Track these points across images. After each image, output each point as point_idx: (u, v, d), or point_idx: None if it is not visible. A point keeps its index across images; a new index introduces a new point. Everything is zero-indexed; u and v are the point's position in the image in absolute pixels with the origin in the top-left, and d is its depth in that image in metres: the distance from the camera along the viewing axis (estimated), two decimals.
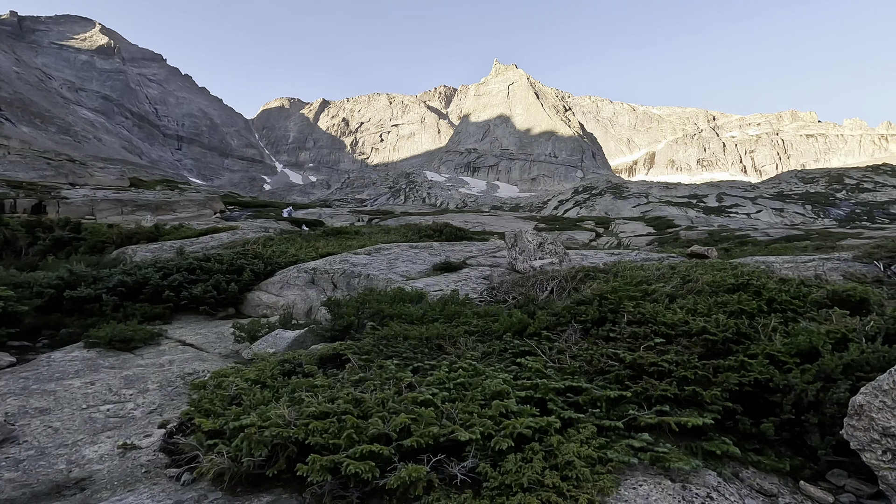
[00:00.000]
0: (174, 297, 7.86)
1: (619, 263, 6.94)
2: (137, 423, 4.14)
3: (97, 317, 7.22)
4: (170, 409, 4.40)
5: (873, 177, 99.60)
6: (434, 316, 5.44)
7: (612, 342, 4.22)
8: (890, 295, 5.38)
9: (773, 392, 3.20)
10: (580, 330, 4.62)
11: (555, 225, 52.27)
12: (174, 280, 8.07)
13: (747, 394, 3.31)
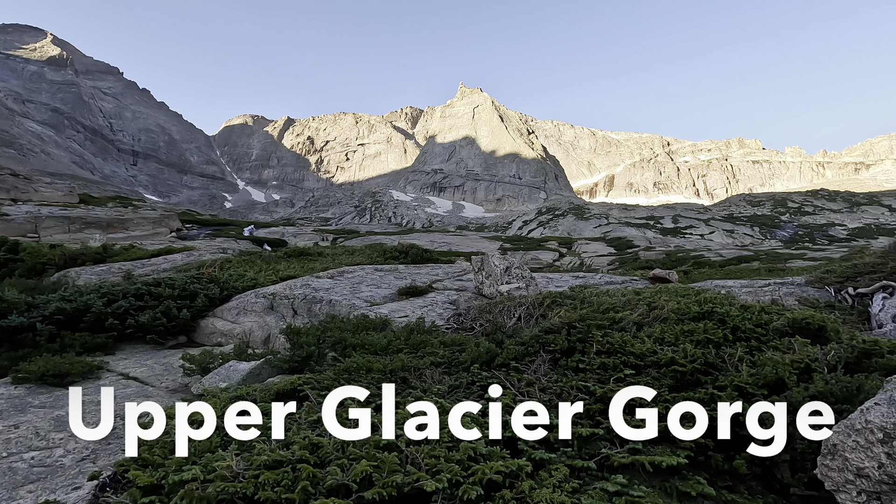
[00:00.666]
0: (118, 326, 7.32)
1: (584, 289, 6.94)
2: (66, 472, 3.72)
3: (30, 348, 6.62)
4: (105, 456, 3.99)
5: (812, 201, 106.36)
6: (399, 346, 5.23)
7: (582, 373, 4.13)
8: (842, 320, 5.56)
9: (744, 426, 3.17)
10: (549, 360, 4.52)
11: (519, 245, 52.94)
12: (119, 307, 7.52)
13: (718, 428, 3.26)
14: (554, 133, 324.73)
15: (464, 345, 5.07)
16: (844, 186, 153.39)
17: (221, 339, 7.67)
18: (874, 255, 7.04)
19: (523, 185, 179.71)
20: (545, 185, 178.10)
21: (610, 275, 10.76)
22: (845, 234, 79.14)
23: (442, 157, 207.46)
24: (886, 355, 3.68)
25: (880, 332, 5.32)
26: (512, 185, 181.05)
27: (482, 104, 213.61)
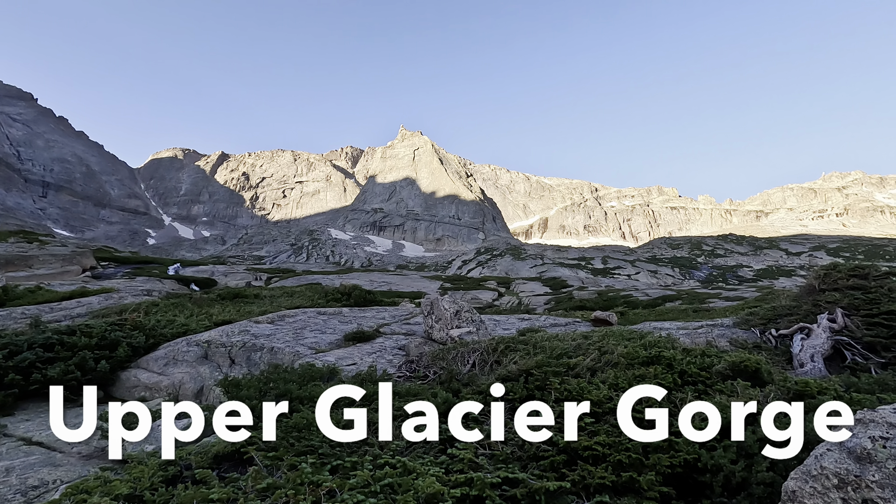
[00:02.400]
0: (21, 382, 6.43)
1: (534, 332, 7.02)
2: None
3: None
4: None
5: (723, 244, 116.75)
6: (350, 398, 4.96)
7: None
8: (771, 360, 5.99)
9: (703, 472, 3.25)
10: (508, 409, 4.46)
11: (460, 284, 53.37)
12: (23, 359, 6.64)
13: (678, 475, 3.32)
14: (491, 176, 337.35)
15: (419, 395, 4.91)
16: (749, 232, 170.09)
17: (146, 392, 6.95)
18: (789, 299, 7.75)
19: (462, 225, 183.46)
20: (483, 226, 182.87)
21: (553, 316, 11.02)
22: (752, 274, 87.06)
23: (382, 197, 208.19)
24: (817, 396, 3.97)
25: (803, 371, 5.77)
26: (451, 225, 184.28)
27: (422, 147, 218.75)
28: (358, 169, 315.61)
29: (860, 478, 2.19)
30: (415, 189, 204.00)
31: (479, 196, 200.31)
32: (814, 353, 5.91)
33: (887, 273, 7.01)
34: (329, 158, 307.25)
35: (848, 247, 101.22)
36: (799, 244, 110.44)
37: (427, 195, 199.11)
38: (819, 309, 6.92)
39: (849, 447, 2.30)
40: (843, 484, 2.24)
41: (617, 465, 3.33)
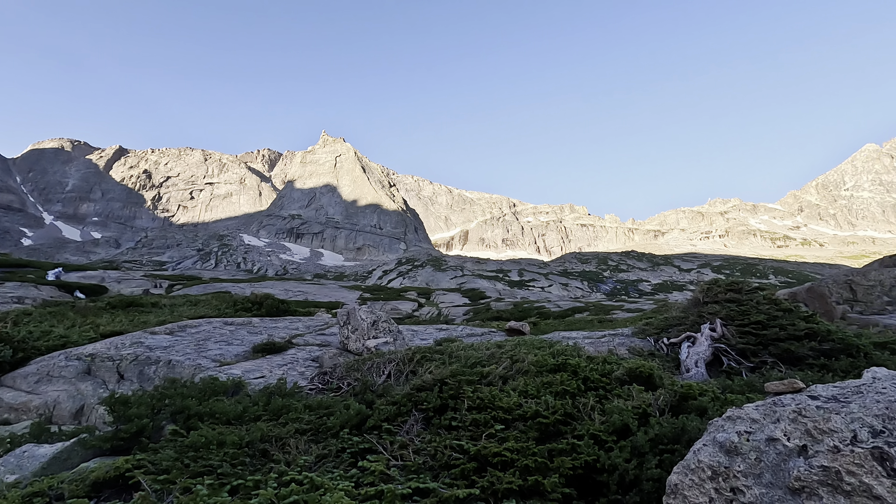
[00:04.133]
0: None
1: (450, 343, 7.11)
2: None
3: None
4: None
5: (626, 260, 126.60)
6: (257, 412, 4.69)
7: (455, 431, 4.15)
8: (663, 366, 6.55)
9: (601, 472, 3.46)
10: (422, 419, 4.46)
11: (380, 295, 52.76)
12: None
13: (579, 476, 3.51)
14: (414, 187, 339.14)
15: (332, 408, 4.76)
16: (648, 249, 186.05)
17: (10, 415, 6.06)
18: (678, 310, 8.57)
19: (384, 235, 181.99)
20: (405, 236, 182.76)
21: (470, 327, 11.24)
22: (650, 288, 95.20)
23: (301, 203, 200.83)
24: (698, 398, 4.40)
25: (688, 376, 6.38)
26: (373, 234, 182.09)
27: (345, 153, 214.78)
28: (275, 173, 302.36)
29: (729, 468, 2.46)
30: (336, 196, 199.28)
31: (401, 206, 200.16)
32: (697, 360, 6.56)
33: (756, 288, 8.01)
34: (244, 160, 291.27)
35: (728, 265, 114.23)
36: (689, 262, 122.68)
37: (348, 203, 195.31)
38: (703, 319, 7.72)
39: (720, 441, 2.58)
40: (716, 475, 2.50)
41: (524, 470, 3.45)
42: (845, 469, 2.10)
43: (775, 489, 2.31)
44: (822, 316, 12.09)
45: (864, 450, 2.10)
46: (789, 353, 6.63)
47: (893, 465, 2.02)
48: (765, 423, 2.52)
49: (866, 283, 14.04)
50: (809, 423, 2.33)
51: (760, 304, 7.43)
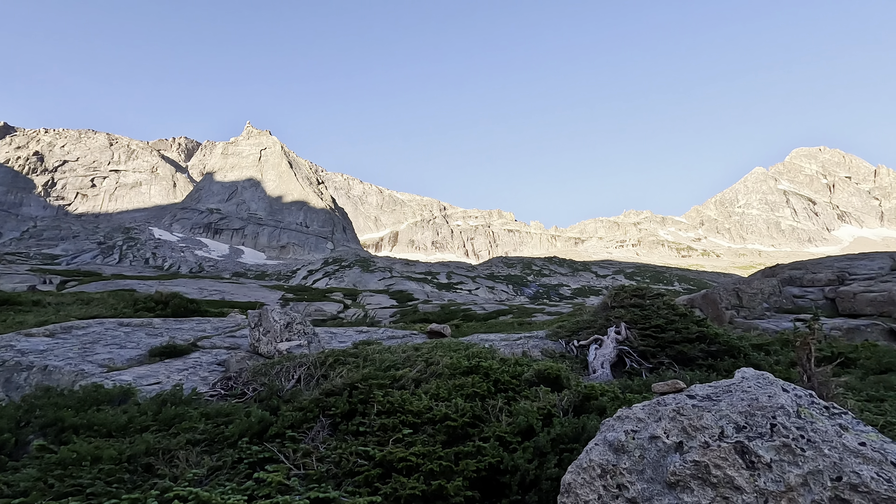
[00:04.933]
0: None
1: (368, 345, 6.97)
2: None
3: None
4: None
5: (549, 266, 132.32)
6: (145, 423, 4.28)
7: (363, 437, 4.04)
8: (572, 368, 6.85)
9: (504, 473, 3.52)
10: (329, 425, 4.30)
11: (304, 295, 50.94)
12: None
13: (484, 478, 3.54)
14: (343, 186, 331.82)
15: (232, 415, 4.46)
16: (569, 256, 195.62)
17: None
18: (589, 314, 9.04)
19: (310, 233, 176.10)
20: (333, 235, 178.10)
21: (392, 329, 11.12)
22: (570, 292, 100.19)
23: (221, 197, 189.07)
24: (599, 398, 4.63)
25: (595, 377, 6.72)
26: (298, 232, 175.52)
27: (271, 147, 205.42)
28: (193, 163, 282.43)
29: (616, 466, 2.58)
30: (259, 191, 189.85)
31: (329, 205, 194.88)
32: (603, 361, 6.94)
33: (658, 294, 8.64)
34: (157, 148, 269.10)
35: (639, 272, 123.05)
36: (605, 268, 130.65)
37: (273, 199, 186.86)
38: (610, 323, 8.19)
39: (610, 440, 2.70)
40: (605, 473, 2.61)
41: (429, 475, 3.42)
42: (713, 463, 2.27)
43: (655, 484, 2.45)
44: (713, 320, 13.33)
45: (729, 444, 2.28)
46: (683, 355, 7.21)
47: (752, 457, 2.21)
48: (649, 421, 2.67)
49: (750, 291, 15.68)
50: (685, 421, 2.50)
51: (660, 309, 8.01)
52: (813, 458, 2.10)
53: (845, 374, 6.54)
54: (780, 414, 2.32)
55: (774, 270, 19.81)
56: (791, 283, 18.03)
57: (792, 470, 2.12)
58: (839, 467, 2.04)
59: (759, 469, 2.18)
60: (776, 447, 2.20)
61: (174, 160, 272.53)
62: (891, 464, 2.01)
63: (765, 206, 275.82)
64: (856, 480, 1.97)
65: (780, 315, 15.20)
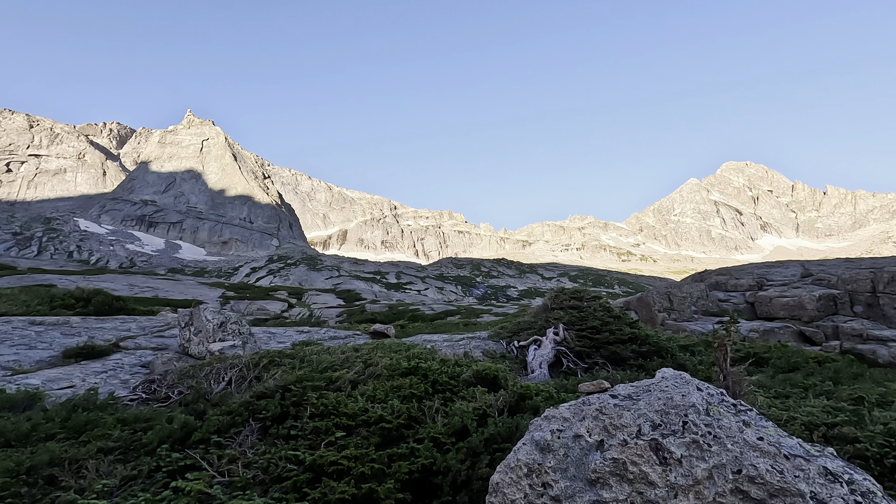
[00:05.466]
0: None
1: (307, 345, 6.79)
2: None
3: None
4: None
5: (497, 267, 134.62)
6: (51, 430, 3.94)
7: (294, 441, 3.91)
8: (511, 368, 6.97)
9: (437, 475, 3.51)
10: (259, 429, 4.14)
11: (245, 294, 48.99)
12: None
13: (417, 480, 3.53)
14: (291, 181, 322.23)
15: (152, 420, 4.19)
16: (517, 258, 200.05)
17: None
18: (530, 315, 9.26)
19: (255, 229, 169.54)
20: (279, 232, 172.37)
21: (335, 329, 10.90)
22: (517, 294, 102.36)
23: (157, 188, 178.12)
24: (534, 397, 4.74)
25: (533, 377, 6.88)
26: (242, 228, 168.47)
27: (213, 138, 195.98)
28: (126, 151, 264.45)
29: (542, 465, 2.64)
30: (200, 184, 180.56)
31: (276, 200, 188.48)
32: (542, 361, 7.12)
33: (595, 296, 8.98)
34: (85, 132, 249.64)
35: (583, 275, 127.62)
36: (551, 271, 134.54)
37: (215, 192, 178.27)
38: (549, 324, 8.42)
39: (537, 440, 2.76)
40: (531, 472, 2.66)
41: (360, 478, 3.36)
42: (630, 460, 2.37)
43: (577, 481, 2.52)
44: (647, 322, 14.02)
45: (645, 442, 2.39)
46: (616, 355, 7.52)
47: (665, 453, 2.33)
48: (574, 421, 2.75)
49: (680, 295, 16.64)
50: (607, 420, 2.59)
51: (597, 311, 8.33)
52: (718, 453, 2.24)
53: (758, 373, 7.08)
54: (692, 412, 2.46)
55: (703, 276, 21.14)
56: (717, 287, 19.30)
57: (699, 464, 2.25)
58: (740, 461, 2.19)
59: (671, 464, 2.30)
60: (686, 443, 2.32)
61: (104, 147, 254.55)
62: (784, 456, 2.18)
63: (698, 216, 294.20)
64: (753, 473, 2.12)
65: (707, 317, 16.23)
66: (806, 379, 7.02)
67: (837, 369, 8.07)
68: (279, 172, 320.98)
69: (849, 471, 2.20)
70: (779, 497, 2.07)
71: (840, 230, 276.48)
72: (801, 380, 6.95)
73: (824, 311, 15.33)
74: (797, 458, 2.19)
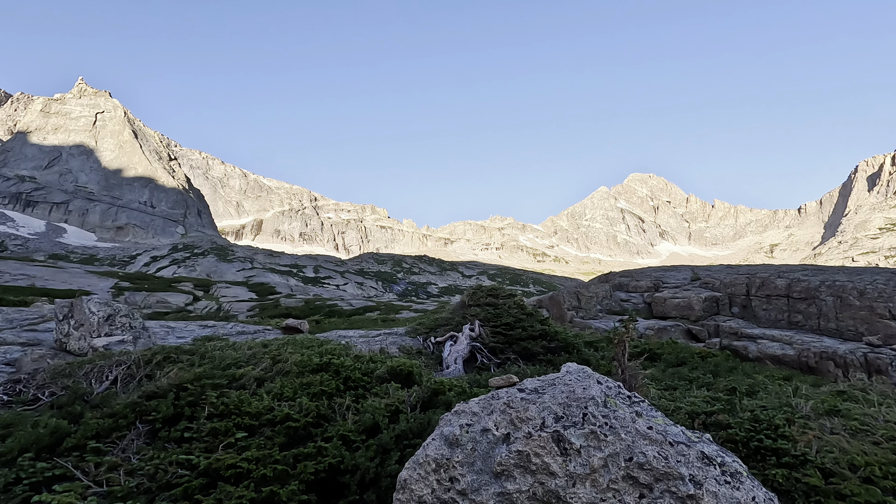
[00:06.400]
0: None
1: (209, 341, 6.32)
2: None
3: None
4: None
5: (419, 264, 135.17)
6: None
7: (188, 444, 3.60)
8: (427, 364, 6.99)
9: (345, 473, 3.41)
10: (147, 433, 3.76)
11: (144, 284, 44.86)
12: None
13: (324, 479, 3.40)
14: (202, 165, 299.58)
15: (15, 426, 3.65)
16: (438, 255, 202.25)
17: None
18: (447, 312, 9.36)
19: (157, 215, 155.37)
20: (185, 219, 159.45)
21: (243, 324, 10.29)
22: (437, 291, 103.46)
23: (37, 163, 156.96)
24: (447, 392, 4.77)
25: (447, 372, 6.96)
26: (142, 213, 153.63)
27: (111, 111, 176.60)
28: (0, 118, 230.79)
29: (450, 460, 2.64)
30: (92, 161, 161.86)
31: (183, 184, 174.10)
32: (457, 357, 7.21)
33: (510, 294, 9.28)
34: None
35: (501, 274, 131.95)
36: (471, 269, 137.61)
37: (110, 172, 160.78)
38: (466, 320, 8.56)
39: (446, 435, 2.77)
40: (439, 467, 2.66)
41: (261, 481, 3.18)
42: (533, 451, 2.45)
43: (484, 474, 2.56)
44: (557, 319, 14.77)
45: (548, 434, 2.48)
46: (527, 351, 7.83)
47: (566, 444, 2.43)
48: (482, 415, 2.79)
49: (588, 295, 17.74)
50: (514, 414, 2.66)
51: (511, 308, 8.61)
52: (612, 443, 2.38)
53: (652, 367, 7.72)
54: (591, 404, 2.59)
55: (608, 277, 22.71)
56: (620, 288, 20.84)
57: (596, 454, 2.37)
58: (631, 449, 2.34)
59: (571, 455, 2.41)
60: (585, 434, 2.44)
61: None
62: (669, 443, 2.36)
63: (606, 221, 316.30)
64: (642, 460, 2.28)
65: (611, 316, 17.47)
66: (691, 372, 7.78)
67: (717, 364, 9.04)
68: (188, 155, 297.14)
69: (721, 454, 2.43)
70: (663, 480, 2.24)
71: (724, 240, 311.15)
72: (687, 373, 7.69)
73: (708, 311, 17.12)
74: (680, 444, 2.39)
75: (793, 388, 6.22)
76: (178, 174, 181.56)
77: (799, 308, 15.32)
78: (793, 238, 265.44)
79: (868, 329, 13.27)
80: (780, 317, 15.72)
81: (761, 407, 4.66)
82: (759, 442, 3.80)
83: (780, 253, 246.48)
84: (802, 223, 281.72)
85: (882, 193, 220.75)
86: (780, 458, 3.64)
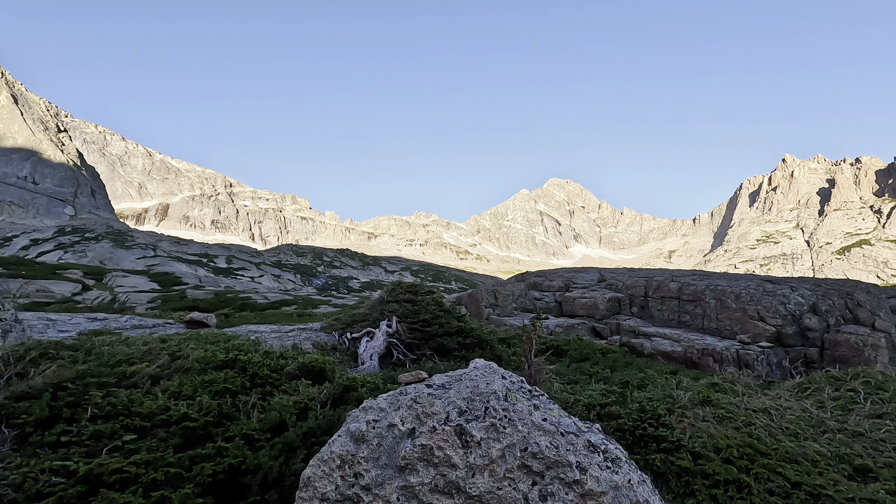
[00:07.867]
0: None
1: (98, 335, 5.78)
2: None
3: None
4: None
5: (340, 258, 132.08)
6: None
7: (66, 449, 3.27)
8: (341, 360, 6.90)
9: (246, 474, 3.29)
10: (15, 438, 3.37)
11: (21, 270, 39.62)
12: None
13: (223, 481, 3.25)
14: (98, 140, 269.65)
15: None
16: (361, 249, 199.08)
17: None
18: (366, 308, 9.28)
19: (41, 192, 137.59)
20: (76, 199, 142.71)
21: (141, 317, 9.49)
22: (359, 286, 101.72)
23: None
24: (359, 389, 4.76)
25: (362, 368, 6.91)
26: (21, 189, 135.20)
27: None
28: None
29: (355, 456, 2.65)
30: None
31: (74, 160, 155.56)
32: (373, 353, 7.19)
33: (429, 291, 9.39)
34: None
35: (424, 270, 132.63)
36: (394, 264, 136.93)
37: None
38: (384, 316, 8.55)
39: (352, 431, 2.77)
40: (344, 463, 2.66)
41: (151, 485, 2.98)
42: (436, 445, 2.53)
43: (388, 469, 2.60)
44: (475, 316, 15.17)
45: (451, 427, 2.57)
46: (443, 347, 7.99)
47: (467, 437, 2.54)
48: (389, 411, 2.83)
49: (504, 293, 18.41)
50: (420, 409, 2.73)
51: (429, 305, 8.73)
52: (510, 434, 2.53)
53: (558, 363, 8.22)
54: (493, 398, 2.73)
55: (524, 276, 23.72)
56: (535, 287, 21.86)
57: (495, 445, 2.51)
58: (527, 440, 2.50)
59: (472, 447, 2.52)
60: (486, 427, 2.57)
61: None
62: (560, 434, 2.56)
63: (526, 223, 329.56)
64: (535, 449, 2.45)
65: (525, 313, 18.27)
66: (592, 367, 8.38)
67: (615, 359, 9.81)
68: (81, 127, 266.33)
69: (605, 442, 2.67)
70: (553, 468, 2.42)
71: (630, 244, 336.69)
72: (589, 368, 8.27)
73: (612, 310, 18.48)
74: (570, 434, 2.59)
75: (677, 381, 6.93)
76: (68, 148, 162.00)
77: (688, 309, 17.02)
78: (688, 245, 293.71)
79: (741, 328, 15.06)
80: (671, 317, 17.36)
81: (648, 399, 5.15)
82: (644, 430, 4.20)
83: (676, 258, 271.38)
84: (696, 232, 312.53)
85: (760, 209, 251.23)
86: (660, 444, 4.06)
